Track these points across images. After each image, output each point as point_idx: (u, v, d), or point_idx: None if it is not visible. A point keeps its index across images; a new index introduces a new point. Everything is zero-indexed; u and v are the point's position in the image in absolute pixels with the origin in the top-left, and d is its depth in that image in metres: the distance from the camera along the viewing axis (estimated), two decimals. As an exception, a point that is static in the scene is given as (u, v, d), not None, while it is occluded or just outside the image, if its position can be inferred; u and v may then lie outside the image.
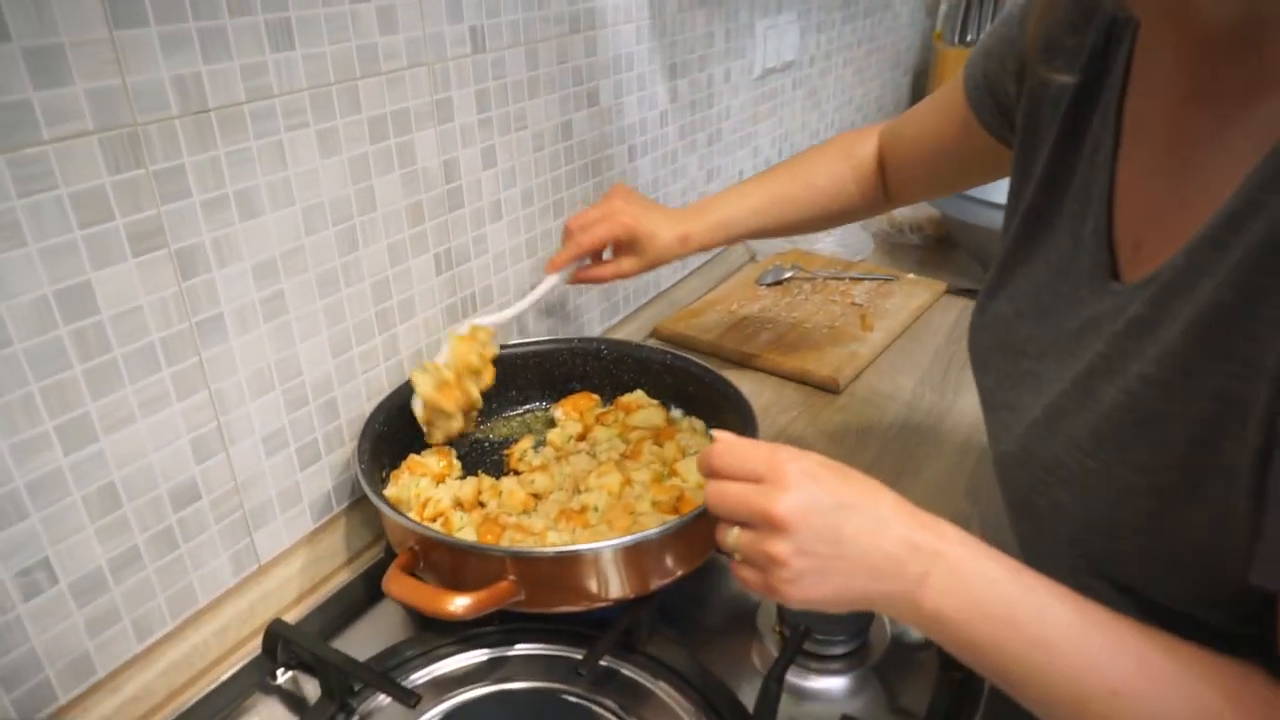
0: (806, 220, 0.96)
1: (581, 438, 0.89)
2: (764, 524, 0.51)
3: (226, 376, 0.71)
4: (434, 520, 0.76)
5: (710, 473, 0.55)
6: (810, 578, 0.50)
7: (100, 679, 0.67)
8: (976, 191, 1.34)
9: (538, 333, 1.06)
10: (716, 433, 0.57)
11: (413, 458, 0.83)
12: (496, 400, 0.94)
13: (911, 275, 1.39)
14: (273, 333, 0.73)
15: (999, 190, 1.45)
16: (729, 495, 0.53)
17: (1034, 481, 0.58)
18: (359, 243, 0.79)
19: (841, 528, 0.50)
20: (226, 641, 0.73)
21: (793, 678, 0.69)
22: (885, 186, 0.94)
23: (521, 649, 0.72)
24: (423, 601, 0.62)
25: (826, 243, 1.50)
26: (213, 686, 0.68)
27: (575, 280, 0.92)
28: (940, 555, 0.50)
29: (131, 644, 0.68)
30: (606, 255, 0.94)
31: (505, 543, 0.72)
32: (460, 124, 0.87)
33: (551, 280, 0.90)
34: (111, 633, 0.66)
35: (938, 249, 1.54)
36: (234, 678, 0.70)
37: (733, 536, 0.53)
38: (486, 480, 0.81)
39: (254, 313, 0.71)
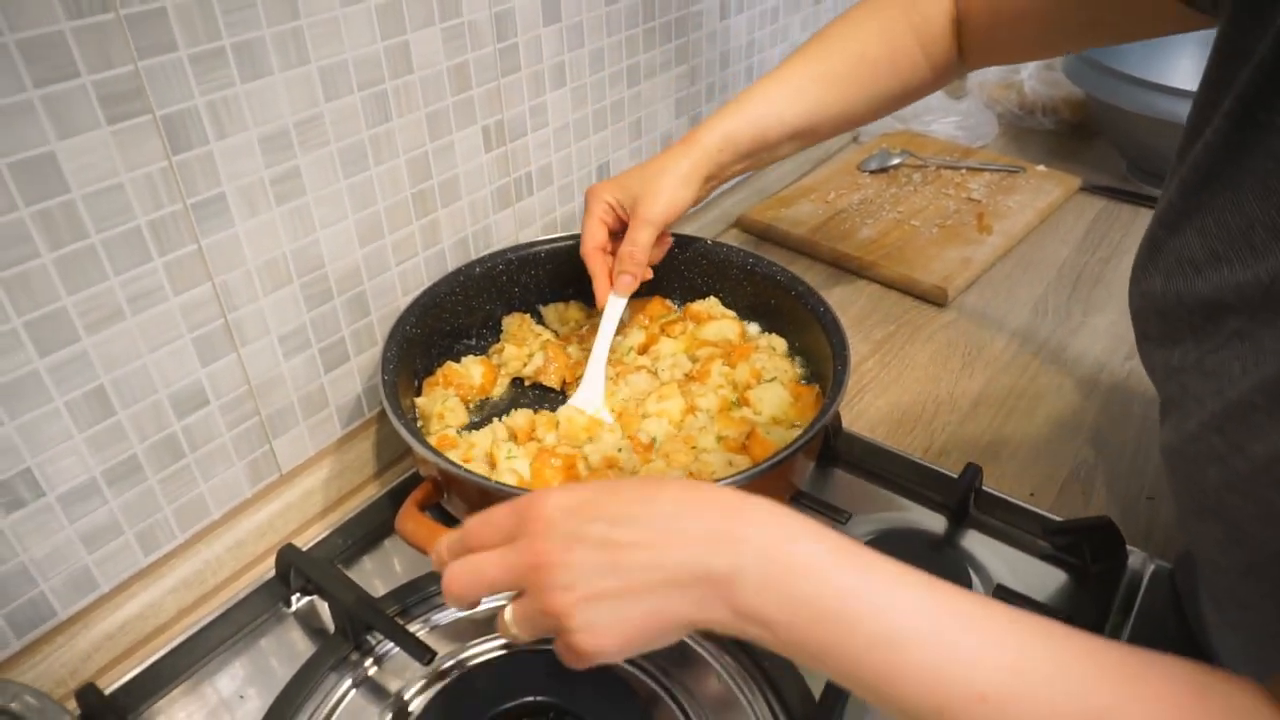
0: (856, 110, 0.73)
1: (644, 350, 0.77)
2: (531, 579, 0.41)
3: (233, 267, 0.61)
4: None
5: (459, 554, 0.44)
6: (604, 619, 0.40)
7: (104, 593, 0.61)
8: (1128, 67, 1.12)
9: (603, 220, 0.94)
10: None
11: (449, 366, 0.73)
12: (550, 300, 0.83)
13: (1041, 167, 1.20)
14: (287, 216, 0.63)
15: (1161, 67, 1.23)
16: (482, 566, 0.42)
17: (1234, 479, 0.44)
18: (391, 111, 0.67)
19: (614, 549, 0.40)
20: (242, 557, 0.67)
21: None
22: (962, 43, 0.71)
23: (559, 593, 0.64)
24: (439, 549, 0.53)
25: (943, 124, 1.30)
26: (226, 607, 0.62)
27: (633, 287, 0.72)
28: (745, 543, 0.39)
29: (137, 557, 0.62)
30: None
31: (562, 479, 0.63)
32: (516, -33, 0.72)
33: (618, 305, 0.72)
34: (113, 546, 0.60)
35: (1074, 136, 1.32)
36: (249, 598, 0.63)
37: (509, 614, 0.43)
38: (544, 415, 0.70)
39: (263, 193, 0.61)
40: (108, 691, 0.56)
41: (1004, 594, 0.61)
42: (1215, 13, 0.53)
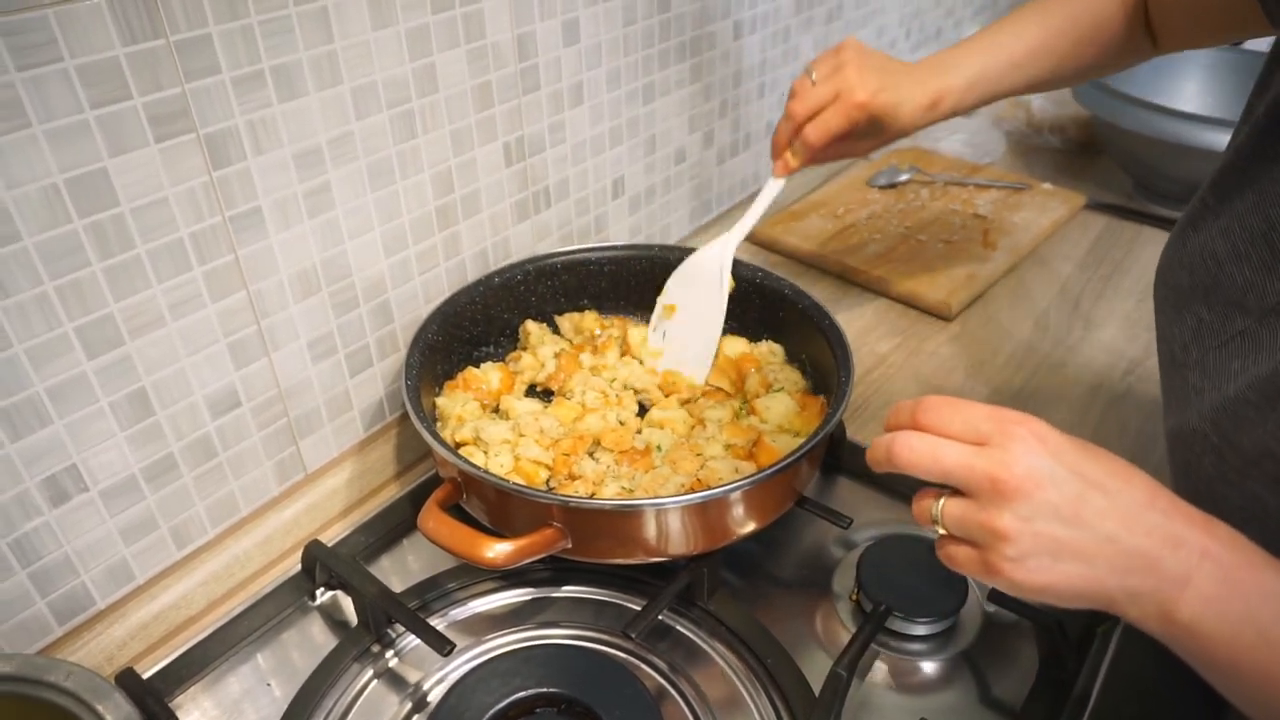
0: (1067, 75, 0.78)
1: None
2: (987, 490, 0.42)
3: (266, 276, 0.64)
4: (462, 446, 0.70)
5: (917, 426, 0.45)
6: (1038, 560, 0.41)
7: (140, 584, 0.64)
8: (1134, 88, 1.14)
9: (617, 234, 0.97)
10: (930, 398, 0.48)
11: (470, 371, 0.76)
12: (565, 309, 0.86)
13: (1047, 185, 1.22)
14: (318, 229, 0.66)
15: (1166, 90, 1.25)
16: (943, 453, 0.43)
17: (1225, 470, 0.47)
18: (417, 129, 0.70)
19: (1083, 506, 0.41)
20: (270, 553, 0.70)
21: (868, 660, 0.62)
22: (1150, 25, 0.75)
23: (569, 591, 0.67)
24: (457, 545, 0.56)
25: (951, 141, 1.33)
26: (253, 601, 0.65)
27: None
28: (1210, 556, 0.40)
29: (170, 551, 0.66)
30: None
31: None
32: (538, -9, 0.76)
33: (779, 184, 0.79)
34: (149, 540, 0.64)
35: (1080, 155, 1.35)
36: (275, 592, 0.66)
37: (941, 505, 0.44)
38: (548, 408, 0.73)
39: (296, 206, 0.64)
40: (145, 677, 0.59)
41: (998, 597, 0.64)
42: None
